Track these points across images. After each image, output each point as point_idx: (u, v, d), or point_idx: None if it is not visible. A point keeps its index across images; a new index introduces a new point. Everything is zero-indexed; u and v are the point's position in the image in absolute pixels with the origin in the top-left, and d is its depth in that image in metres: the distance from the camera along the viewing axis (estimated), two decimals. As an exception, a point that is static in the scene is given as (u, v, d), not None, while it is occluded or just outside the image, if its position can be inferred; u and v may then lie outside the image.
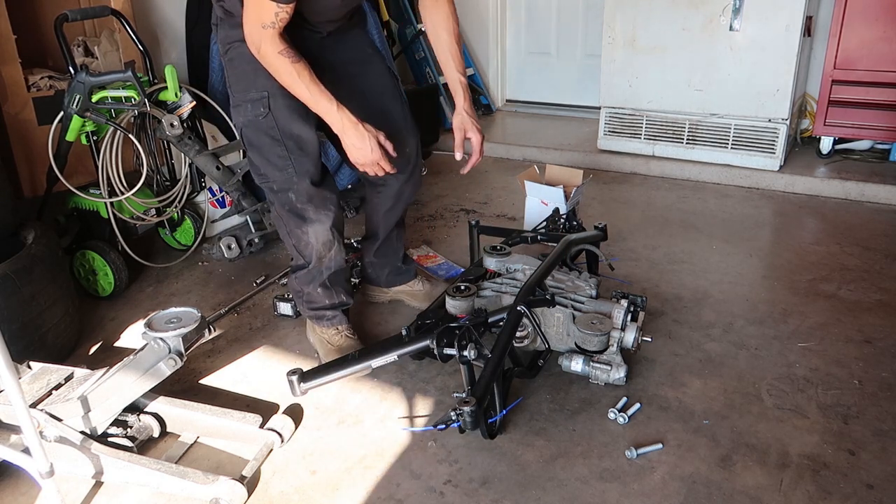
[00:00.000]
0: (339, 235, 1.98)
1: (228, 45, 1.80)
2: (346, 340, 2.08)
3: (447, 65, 1.96)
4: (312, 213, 1.88)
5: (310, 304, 2.08)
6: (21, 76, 2.50)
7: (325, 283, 2.04)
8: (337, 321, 2.11)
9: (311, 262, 1.98)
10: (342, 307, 2.12)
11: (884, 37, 3.19)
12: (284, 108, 1.77)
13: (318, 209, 1.88)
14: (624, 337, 1.86)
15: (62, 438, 1.58)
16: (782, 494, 1.53)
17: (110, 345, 2.25)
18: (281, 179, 1.84)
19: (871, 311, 2.26)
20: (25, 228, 2.19)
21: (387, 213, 2.20)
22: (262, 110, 1.78)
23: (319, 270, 2.00)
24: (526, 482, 1.59)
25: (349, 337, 2.10)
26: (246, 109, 1.80)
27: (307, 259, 1.98)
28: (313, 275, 2.02)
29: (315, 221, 1.89)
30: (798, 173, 3.43)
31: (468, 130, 1.95)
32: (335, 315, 2.10)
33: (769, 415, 1.79)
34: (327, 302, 2.07)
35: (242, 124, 1.84)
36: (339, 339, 2.09)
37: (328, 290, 2.06)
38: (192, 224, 2.89)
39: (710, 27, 3.38)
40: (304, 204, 1.87)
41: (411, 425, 1.80)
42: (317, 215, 1.89)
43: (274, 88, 1.75)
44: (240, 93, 1.81)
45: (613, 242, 2.64)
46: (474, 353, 1.70)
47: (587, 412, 1.81)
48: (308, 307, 2.09)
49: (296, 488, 1.60)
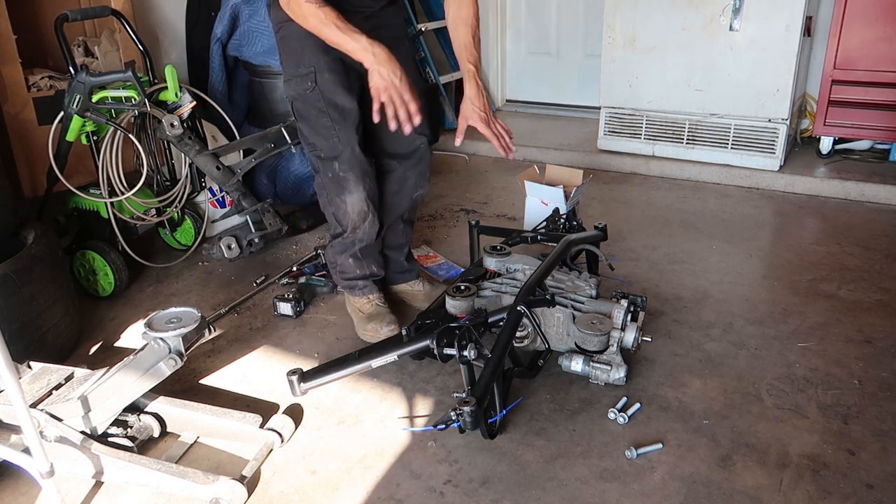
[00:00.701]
0: (373, 209, 2.08)
1: (279, 24, 1.93)
2: (376, 308, 2.22)
3: (461, 55, 1.98)
4: (353, 183, 2.00)
5: (342, 273, 2.23)
6: (21, 76, 2.50)
7: (357, 254, 2.17)
8: (368, 290, 2.24)
9: (346, 231, 2.11)
10: (373, 277, 2.24)
11: (884, 37, 3.19)
12: (329, 81, 1.90)
13: (358, 180, 2.00)
14: (624, 337, 1.87)
15: (62, 438, 1.58)
16: (782, 494, 1.53)
17: (110, 345, 2.25)
18: (327, 148, 1.97)
19: (871, 311, 2.26)
20: (25, 228, 2.19)
21: (392, 198, 2.21)
22: (308, 84, 1.91)
23: (353, 241, 2.13)
24: (526, 482, 1.59)
25: (379, 305, 2.23)
26: (295, 83, 1.95)
27: (343, 227, 2.11)
28: (346, 245, 2.15)
29: (353, 192, 2.01)
30: (798, 173, 3.43)
31: (470, 119, 1.96)
32: (366, 285, 2.23)
33: (769, 415, 1.79)
34: (358, 272, 2.21)
35: (292, 97, 1.99)
36: (370, 307, 2.22)
37: (359, 262, 2.19)
38: (192, 224, 2.89)
39: (710, 27, 3.38)
40: (346, 172, 1.99)
41: (411, 425, 1.80)
42: (356, 186, 2.00)
43: (320, 64, 1.89)
44: (290, 68, 1.95)
45: (613, 242, 2.64)
46: (474, 353, 1.70)
47: (587, 412, 1.82)
48: (341, 277, 2.24)
49: (296, 488, 1.61)
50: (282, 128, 2.83)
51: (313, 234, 3.05)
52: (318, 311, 2.41)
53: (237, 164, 2.71)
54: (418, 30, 4.33)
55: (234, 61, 3.34)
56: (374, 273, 2.24)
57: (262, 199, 2.89)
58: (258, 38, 3.21)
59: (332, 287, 2.50)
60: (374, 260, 2.23)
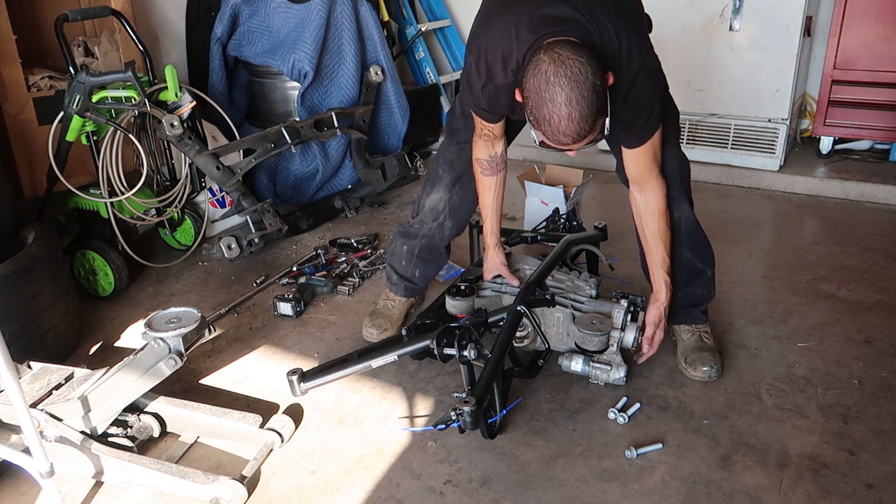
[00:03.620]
0: (450, 217, 2.11)
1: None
2: (385, 306, 2.23)
3: (652, 257, 1.88)
4: (444, 183, 2.08)
5: (390, 256, 2.24)
6: (21, 76, 2.50)
7: (414, 248, 2.16)
8: (394, 289, 2.24)
9: (414, 217, 2.18)
10: (406, 282, 2.22)
11: (884, 37, 3.19)
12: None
13: (450, 185, 2.07)
14: (624, 337, 1.86)
15: (62, 438, 1.58)
16: (782, 494, 1.53)
17: (110, 345, 2.25)
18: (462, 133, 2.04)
19: (871, 311, 2.26)
20: (25, 228, 2.19)
21: None
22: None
23: (417, 233, 2.15)
24: (526, 482, 1.59)
25: (390, 307, 2.23)
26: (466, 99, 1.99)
27: (413, 212, 2.19)
28: (409, 232, 2.17)
29: (439, 189, 2.09)
30: (798, 173, 3.43)
31: (659, 329, 1.90)
32: (398, 282, 2.23)
33: (769, 415, 1.79)
34: (403, 263, 2.19)
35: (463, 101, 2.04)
36: (381, 303, 2.25)
37: (409, 257, 2.18)
38: (192, 224, 2.88)
39: (710, 27, 3.38)
40: (445, 171, 2.08)
41: (411, 425, 1.80)
42: (443, 187, 2.08)
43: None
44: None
45: (613, 242, 2.64)
46: (474, 353, 1.70)
47: (587, 412, 1.81)
48: (388, 259, 2.25)
49: (296, 488, 1.61)
50: (282, 128, 2.83)
51: (313, 234, 3.05)
52: (318, 311, 2.41)
53: (237, 164, 2.71)
54: (419, 30, 4.34)
55: (234, 61, 3.34)
56: (411, 278, 2.20)
57: (262, 199, 2.89)
58: (258, 38, 3.21)
59: (332, 287, 2.50)
60: (421, 269, 2.20)
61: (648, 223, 1.85)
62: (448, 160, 2.08)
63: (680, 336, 2.03)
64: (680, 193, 1.89)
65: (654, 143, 1.74)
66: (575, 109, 1.40)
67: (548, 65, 1.41)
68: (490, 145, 1.93)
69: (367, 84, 3.31)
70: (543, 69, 1.41)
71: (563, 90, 1.40)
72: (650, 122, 1.69)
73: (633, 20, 1.62)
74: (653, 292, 1.92)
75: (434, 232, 2.13)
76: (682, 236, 1.93)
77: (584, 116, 1.41)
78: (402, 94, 3.51)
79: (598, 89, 1.41)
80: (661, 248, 1.86)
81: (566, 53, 1.41)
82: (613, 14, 1.55)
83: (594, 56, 1.43)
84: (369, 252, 2.79)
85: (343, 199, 3.25)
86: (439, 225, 2.12)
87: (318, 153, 3.22)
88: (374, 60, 3.36)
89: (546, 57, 1.42)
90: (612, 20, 1.53)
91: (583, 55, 1.41)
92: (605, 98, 1.44)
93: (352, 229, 3.09)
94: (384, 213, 3.31)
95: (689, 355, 1.96)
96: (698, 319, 2.03)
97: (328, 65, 3.19)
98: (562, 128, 1.43)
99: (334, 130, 3.06)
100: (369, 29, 3.31)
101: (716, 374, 1.91)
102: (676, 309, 1.99)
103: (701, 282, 1.99)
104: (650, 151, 1.75)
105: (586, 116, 1.41)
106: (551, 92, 1.40)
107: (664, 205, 1.82)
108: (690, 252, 1.94)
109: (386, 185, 3.36)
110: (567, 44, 1.44)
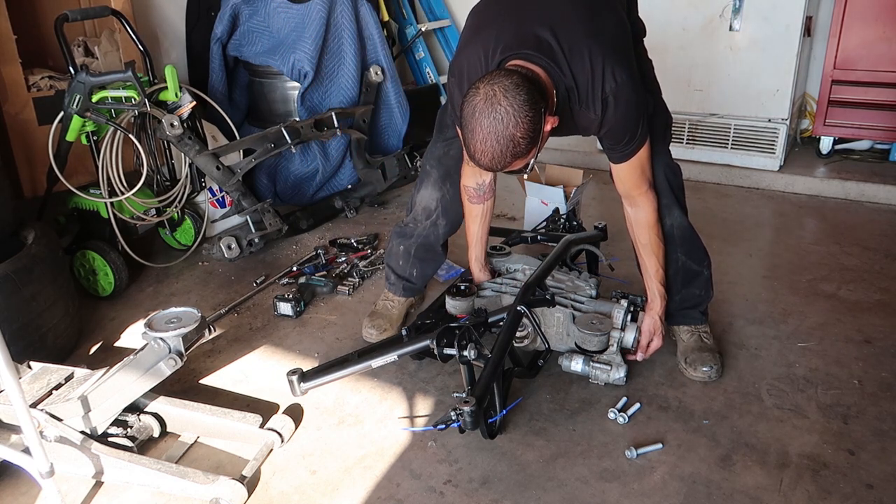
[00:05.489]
0: (443, 215, 2.10)
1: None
2: (384, 306, 2.23)
3: (645, 268, 1.89)
4: (432, 179, 2.08)
5: (387, 256, 2.24)
6: (21, 76, 2.50)
7: (410, 248, 2.17)
8: (393, 289, 2.25)
9: (408, 216, 2.18)
10: (404, 281, 2.22)
11: (884, 37, 3.19)
12: None
13: (439, 181, 2.07)
14: (624, 337, 1.86)
15: (62, 438, 1.58)
16: (782, 494, 1.53)
17: (110, 345, 2.25)
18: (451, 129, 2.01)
19: (871, 311, 2.26)
20: (25, 228, 2.19)
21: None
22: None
23: (412, 233, 2.15)
24: (526, 482, 1.59)
25: (391, 307, 2.23)
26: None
27: (407, 210, 2.19)
28: (405, 232, 2.17)
29: (428, 186, 2.09)
30: (798, 173, 3.43)
31: (656, 336, 1.91)
32: (396, 282, 2.23)
33: (769, 415, 1.79)
34: (401, 262, 2.19)
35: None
36: (380, 303, 2.25)
37: (406, 256, 2.18)
38: (192, 224, 2.88)
39: (710, 27, 3.38)
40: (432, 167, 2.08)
41: (411, 425, 1.80)
42: (432, 184, 2.08)
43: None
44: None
45: (613, 242, 2.64)
46: (474, 353, 1.70)
47: (587, 412, 1.81)
48: (385, 260, 2.26)
49: (296, 488, 1.61)
50: (282, 128, 2.83)
51: (313, 234, 3.05)
52: (318, 311, 2.41)
53: (237, 164, 2.71)
54: (419, 30, 4.34)
55: (234, 61, 3.34)
56: (409, 277, 2.21)
57: (262, 199, 2.89)
58: (258, 38, 3.21)
59: (332, 287, 2.50)
60: (418, 268, 2.20)
61: (640, 236, 1.86)
62: (436, 156, 2.07)
63: (680, 336, 2.03)
64: (671, 201, 1.89)
65: (641, 158, 1.73)
66: (488, 150, 1.44)
67: (479, 99, 1.42)
68: (478, 173, 1.94)
69: (367, 84, 3.31)
70: (474, 102, 1.43)
71: (481, 130, 1.42)
72: (634, 140, 1.68)
73: (611, 38, 1.60)
74: (648, 301, 1.93)
75: (429, 231, 2.13)
76: (676, 242, 1.93)
77: (495, 157, 1.45)
78: (402, 94, 3.51)
79: (515, 140, 1.42)
80: (653, 260, 1.87)
81: (500, 94, 1.41)
82: (591, 32, 1.55)
83: (533, 100, 1.42)
84: (369, 252, 2.79)
85: (343, 199, 3.25)
86: (433, 224, 2.12)
87: (318, 153, 3.22)
88: (374, 60, 3.36)
89: (483, 90, 1.42)
90: (587, 41, 1.53)
91: (517, 100, 1.40)
92: (525, 145, 1.44)
93: (352, 229, 3.09)
94: (384, 213, 3.31)
95: (689, 355, 1.96)
96: (698, 320, 2.03)
97: (328, 65, 3.19)
98: (476, 157, 1.47)
99: (334, 130, 3.06)
100: (369, 29, 3.31)
101: (716, 374, 1.91)
102: (675, 311, 1.99)
103: (698, 283, 1.99)
104: (637, 167, 1.74)
105: (498, 157, 1.45)
106: (472, 125, 1.44)
107: (654, 218, 1.83)
108: (685, 256, 1.95)
109: (386, 185, 3.36)
110: (512, 81, 1.42)
